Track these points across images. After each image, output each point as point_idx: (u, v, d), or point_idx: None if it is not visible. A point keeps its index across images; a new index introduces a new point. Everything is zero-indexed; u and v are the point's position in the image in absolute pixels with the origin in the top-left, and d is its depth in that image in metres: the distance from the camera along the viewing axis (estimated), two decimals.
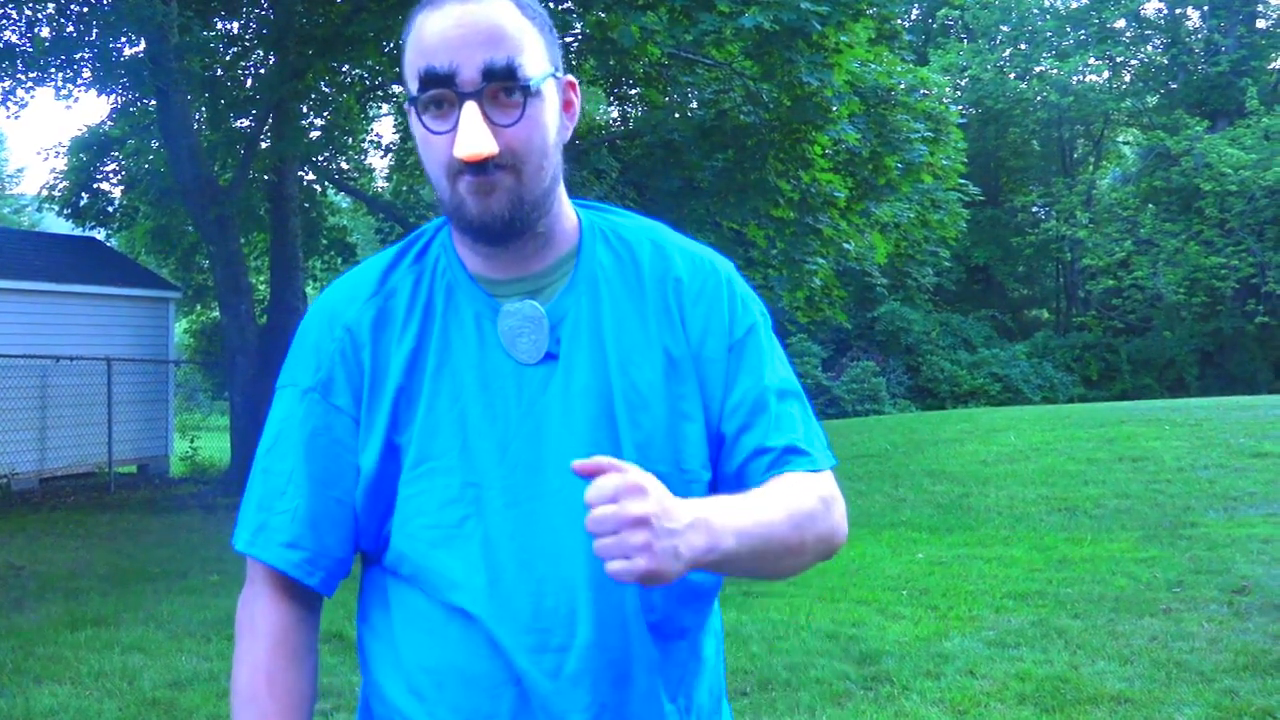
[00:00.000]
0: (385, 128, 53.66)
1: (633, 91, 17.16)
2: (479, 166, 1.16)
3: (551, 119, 1.22)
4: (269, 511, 1.28)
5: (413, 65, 1.19)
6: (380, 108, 20.36)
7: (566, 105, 1.28)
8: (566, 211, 1.31)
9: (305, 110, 16.05)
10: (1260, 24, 30.62)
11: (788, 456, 1.27)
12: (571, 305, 1.27)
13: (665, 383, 1.27)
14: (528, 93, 1.17)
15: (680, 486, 1.23)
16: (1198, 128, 26.58)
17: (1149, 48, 31.86)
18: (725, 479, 1.30)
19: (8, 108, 14.16)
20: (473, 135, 1.14)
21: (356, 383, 1.27)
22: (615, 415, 1.24)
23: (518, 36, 1.18)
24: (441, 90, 1.17)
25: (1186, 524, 8.23)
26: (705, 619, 1.32)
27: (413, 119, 1.21)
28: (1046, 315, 33.32)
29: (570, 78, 1.29)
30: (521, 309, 1.25)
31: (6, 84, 14.11)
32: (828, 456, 1.32)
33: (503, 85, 1.16)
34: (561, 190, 1.29)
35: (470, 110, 1.14)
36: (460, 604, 1.22)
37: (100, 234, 19.87)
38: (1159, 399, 21.64)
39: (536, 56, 1.20)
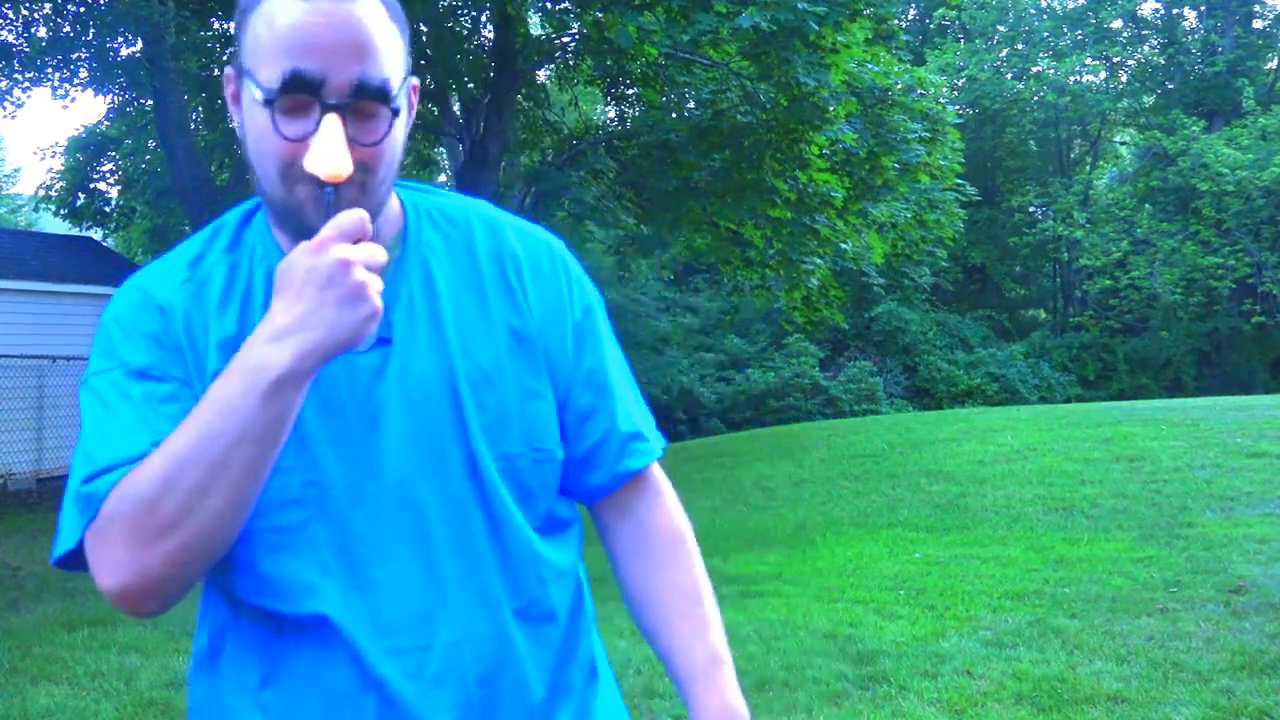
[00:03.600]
0: None
1: (630, 91, 17.15)
2: (327, 182, 1.08)
3: (405, 128, 1.17)
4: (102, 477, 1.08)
5: (271, 54, 1.08)
6: None
7: (410, 108, 1.21)
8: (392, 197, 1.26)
9: None
10: (1257, 24, 30.69)
11: (633, 444, 1.30)
12: (404, 288, 1.20)
13: (511, 360, 1.22)
14: (395, 113, 1.11)
15: (532, 467, 1.22)
16: (1194, 128, 26.61)
17: (1146, 48, 31.92)
18: (571, 461, 1.28)
19: (4, 107, 14.17)
20: (331, 154, 1.05)
21: (182, 366, 1.15)
22: (460, 397, 1.18)
23: (388, 44, 1.11)
24: (304, 96, 1.08)
25: (1183, 524, 8.23)
26: (575, 598, 1.29)
27: (249, 100, 1.11)
28: (1043, 315, 33.36)
29: (414, 80, 1.21)
30: None
31: (3, 84, 14.10)
32: (659, 438, 1.36)
33: (371, 102, 1.09)
34: None
35: (332, 125, 1.06)
36: (313, 609, 1.13)
37: (97, 234, 19.87)
38: (1156, 399, 21.66)
39: (399, 65, 1.13)
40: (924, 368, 26.83)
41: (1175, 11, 31.11)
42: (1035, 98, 30.24)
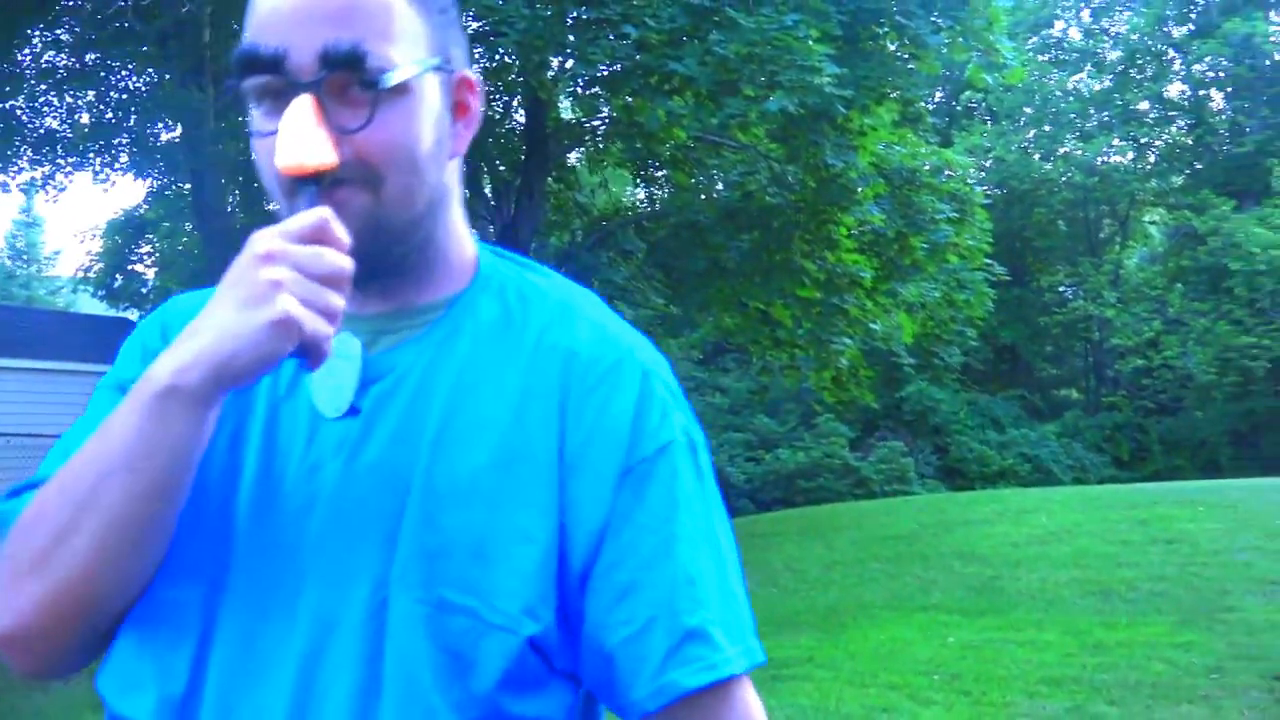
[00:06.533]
0: None
1: (659, 173, 17.37)
2: (312, 181, 0.86)
3: (427, 124, 0.92)
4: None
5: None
6: None
7: (460, 109, 0.98)
8: (459, 248, 1.01)
9: None
10: None
11: (691, 648, 0.90)
12: (409, 358, 0.95)
13: (499, 478, 0.91)
14: (377, 88, 0.88)
15: (475, 629, 0.88)
16: (1224, 207, 26.63)
17: (1173, 129, 32.07)
18: (595, 655, 0.91)
19: (47, 192, 14.51)
20: (298, 141, 0.84)
21: None
22: (406, 506, 0.89)
23: (380, 14, 0.89)
24: (267, 79, 0.88)
25: (1224, 608, 8.07)
26: None
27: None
28: (1075, 395, 33.12)
29: (468, 74, 0.98)
30: (334, 344, 0.90)
31: (46, 169, 14.45)
32: (746, 650, 0.93)
33: (350, 77, 0.87)
34: (454, 220, 1.00)
35: (299, 107, 0.85)
36: (122, 711, 0.90)
37: (133, 314, 20.16)
38: (1192, 479, 21.38)
39: (408, 42, 0.91)
40: (955, 448, 26.61)
41: (1202, 93, 31.29)
42: (1063, 178, 30.39)
